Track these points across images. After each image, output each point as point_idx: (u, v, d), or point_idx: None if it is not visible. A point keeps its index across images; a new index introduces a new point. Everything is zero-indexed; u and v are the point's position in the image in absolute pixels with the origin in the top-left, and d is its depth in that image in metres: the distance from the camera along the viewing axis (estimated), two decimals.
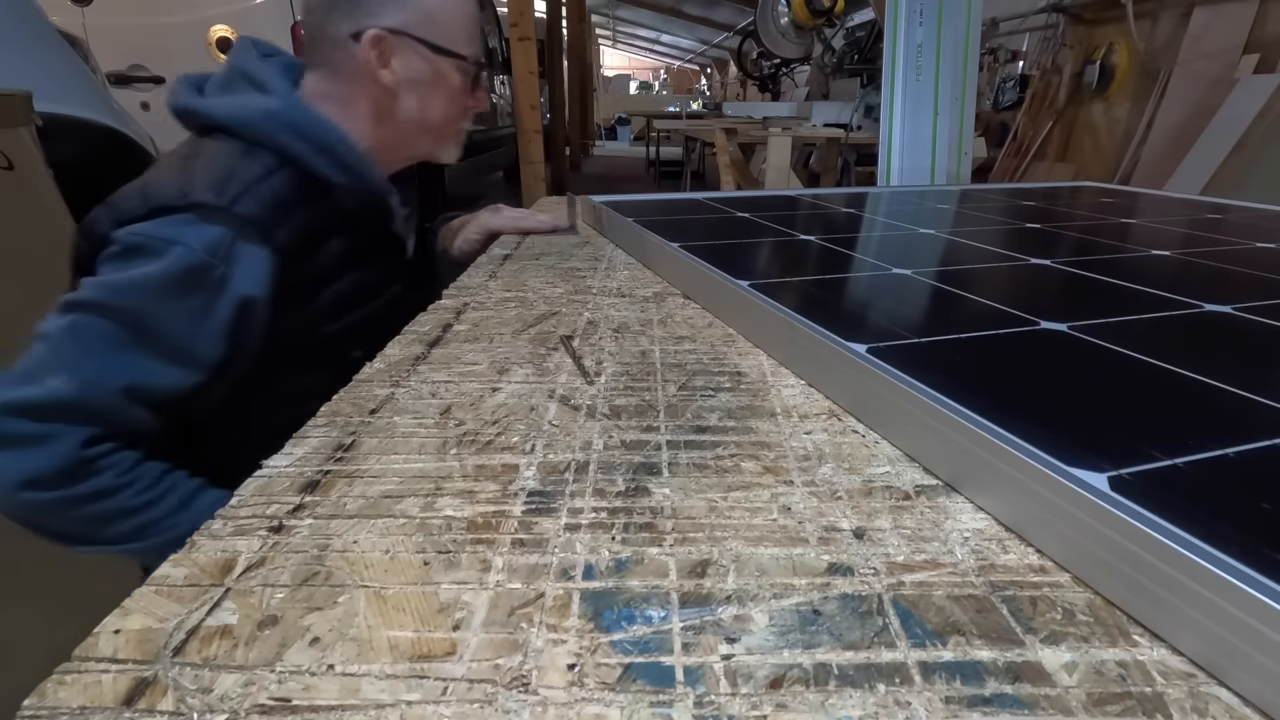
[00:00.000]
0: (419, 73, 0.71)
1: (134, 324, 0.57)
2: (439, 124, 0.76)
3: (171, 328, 0.58)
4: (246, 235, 0.61)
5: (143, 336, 0.57)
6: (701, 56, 18.32)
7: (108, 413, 0.56)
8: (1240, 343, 0.47)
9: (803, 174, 4.26)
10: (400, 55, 0.70)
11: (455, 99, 0.75)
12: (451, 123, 0.77)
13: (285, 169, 0.65)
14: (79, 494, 0.55)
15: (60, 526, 0.57)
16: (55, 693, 0.22)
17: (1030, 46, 4.07)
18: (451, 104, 0.75)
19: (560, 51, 7.35)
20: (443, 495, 0.33)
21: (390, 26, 0.68)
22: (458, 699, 0.22)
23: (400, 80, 0.71)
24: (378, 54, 0.69)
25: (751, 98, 7.94)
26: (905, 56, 1.77)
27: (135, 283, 0.56)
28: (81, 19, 2.72)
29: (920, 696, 0.22)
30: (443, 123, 0.76)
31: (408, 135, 0.75)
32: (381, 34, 0.68)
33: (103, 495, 0.56)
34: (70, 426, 0.55)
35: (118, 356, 0.56)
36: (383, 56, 0.69)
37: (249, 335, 0.63)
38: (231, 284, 0.60)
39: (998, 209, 1.02)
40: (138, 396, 0.57)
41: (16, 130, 0.97)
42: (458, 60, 0.73)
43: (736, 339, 0.54)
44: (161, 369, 0.58)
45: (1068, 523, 0.27)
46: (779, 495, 0.33)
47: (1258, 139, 2.48)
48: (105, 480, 0.56)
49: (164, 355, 0.58)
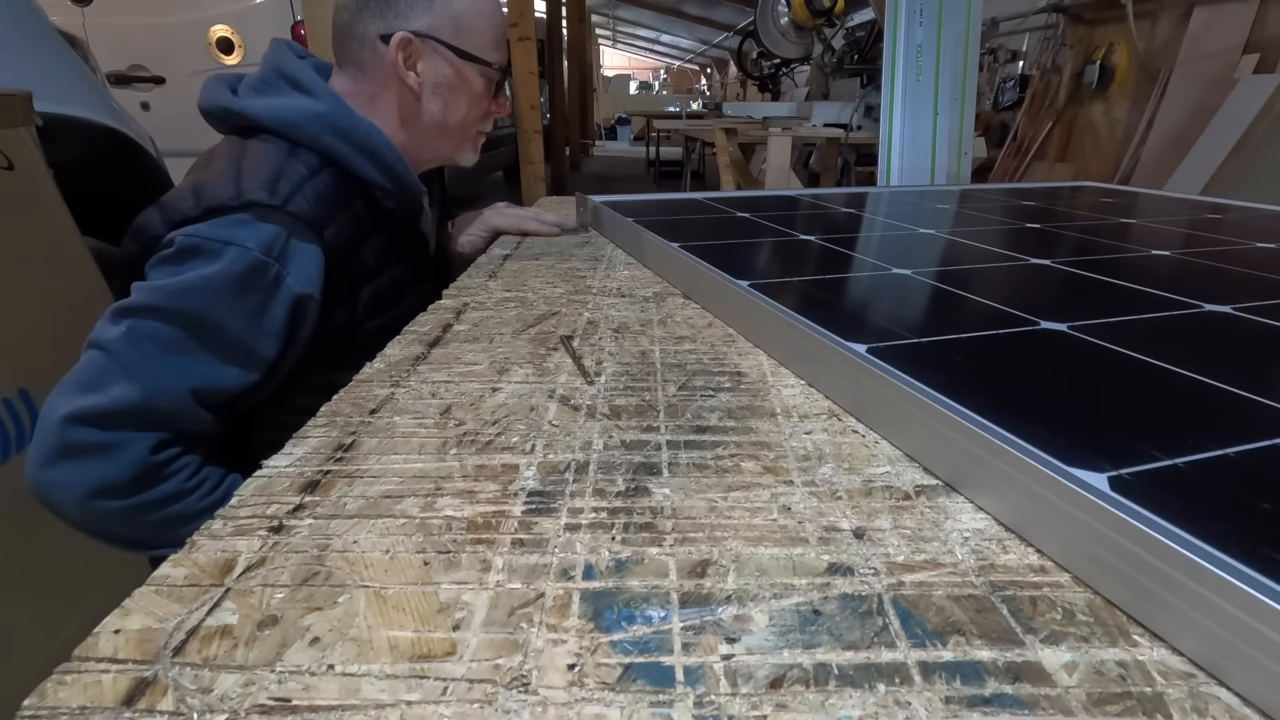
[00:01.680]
0: (444, 76, 0.73)
1: (194, 326, 0.57)
2: (460, 127, 0.77)
3: (231, 327, 0.58)
4: (299, 233, 0.62)
5: (203, 338, 0.57)
6: (701, 56, 18.31)
7: (174, 416, 0.57)
8: (1240, 343, 0.47)
9: (803, 174, 4.26)
10: (426, 58, 0.71)
11: (477, 103, 0.77)
12: (471, 126, 0.79)
13: (329, 169, 0.66)
14: (151, 499, 0.56)
15: (130, 533, 0.58)
16: (55, 693, 0.22)
17: (1030, 46, 4.07)
18: (473, 108, 0.77)
19: (560, 51, 7.35)
20: (443, 495, 0.33)
21: (418, 30, 0.70)
22: (458, 699, 0.22)
23: (425, 83, 0.72)
24: (405, 56, 0.70)
25: (751, 98, 7.94)
26: (905, 56, 1.77)
27: (192, 285, 0.57)
28: (81, 19, 2.72)
29: (920, 696, 0.22)
30: (463, 126, 0.77)
31: (430, 137, 0.76)
32: (409, 36, 0.69)
33: (174, 499, 0.57)
34: (138, 433, 0.55)
35: (180, 360, 0.57)
36: (409, 59, 0.71)
37: (301, 333, 0.64)
38: (287, 282, 0.61)
39: (998, 209, 1.01)
40: (201, 398, 0.58)
41: (16, 130, 0.97)
42: (482, 66, 0.74)
43: (736, 339, 0.54)
44: (222, 369, 0.59)
45: (1068, 523, 0.27)
46: (779, 495, 0.33)
47: (1258, 139, 2.48)
48: (175, 484, 0.57)
49: (224, 356, 0.59)
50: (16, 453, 0.84)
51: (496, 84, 0.77)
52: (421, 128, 0.75)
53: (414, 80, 0.71)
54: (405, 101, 0.73)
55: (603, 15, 13.96)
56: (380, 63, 0.71)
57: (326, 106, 0.67)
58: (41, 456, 0.53)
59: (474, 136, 0.80)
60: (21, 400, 0.87)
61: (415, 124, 0.75)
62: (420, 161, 0.78)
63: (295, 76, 0.68)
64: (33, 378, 0.88)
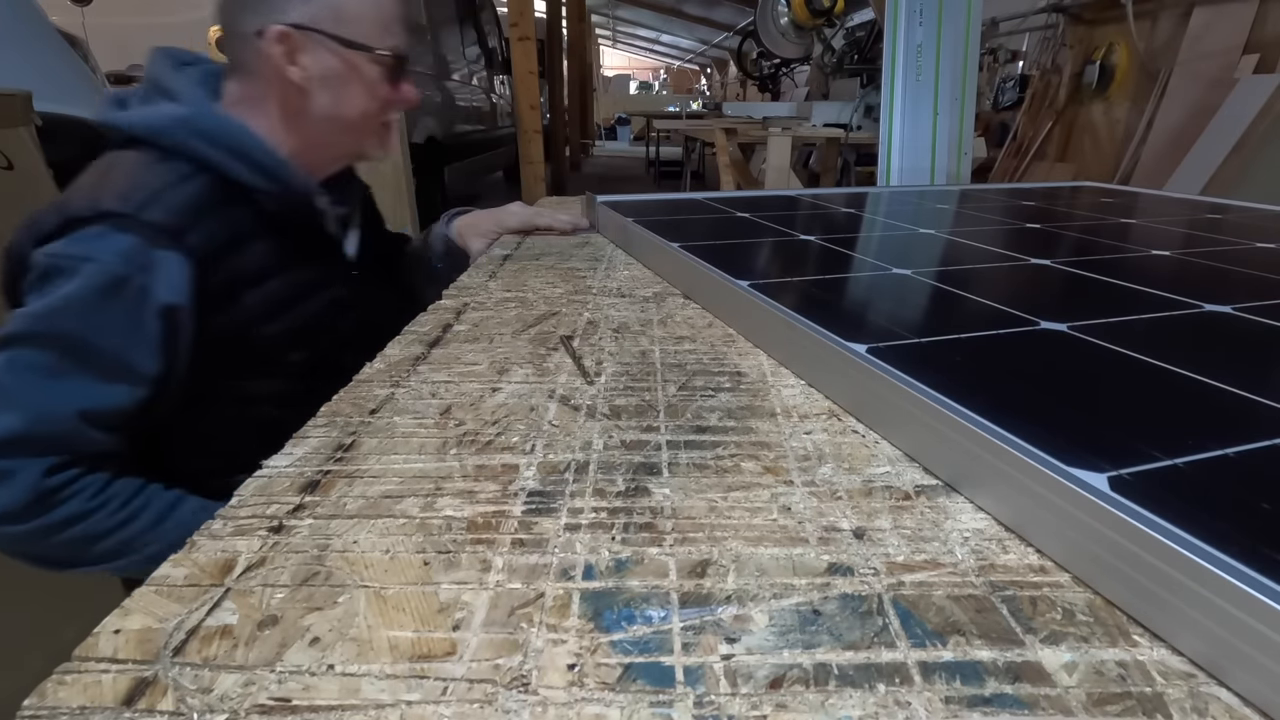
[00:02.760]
0: (330, 69, 0.69)
1: (68, 348, 0.56)
2: (357, 121, 0.73)
3: (105, 346, 0.58)
4: (158, 242, 0.60)
5: (80, 359, 0.57)
6: (701, 56, 18.32)
7: (64, 440, 0.56)
8: (1240, 343, 0.47)
9: (803, 174, 4.26)
10: (309, 51, 0.68)
11: (373, 94, 0.73)
12: (372, 119, 0.75)
13: (200, 175, 0.64)
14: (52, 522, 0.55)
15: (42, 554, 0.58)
16: (55, 693, 0.22)
17: (1030, 46, 4.07)
18: (370, 99, 0.73)
19: (560, 51, 7.35)
20: (443, 495, 0.33)
21: (296, 22, 0.66)
22: (458, 699, 0.22)
23: (311, 77, 0.68)
24: (285, 51, 0.67)
25: (751, 98, 7.94)
26: (905, 56, 1.77)
27: (57, 307, 0.56)
28: (81, 19, 2.72)
29: (920, 696, 0.22)
30: (362, 119, 0.74)
31: (327, 134, 0.73)
32: (286, 30, 0.66)
33: (76, 520, 0.56)
34: (28, 460, 0.55)
35: (59, 384, 0.56)
36: (291, 53, 0.67)
37: (180, 343, 0.62)
38: (153, 293, 0.59)
39: (997, 209, 1.02)
40: (91, 420, 0.57)
41: (16, 130, 0.97)
42: (371, 54, 0.71)
43: (736, 339, 0.54)
44: (106, 389, 0.58)
45: (1068, 523, 0.27)
46: (779, 495, 0.33)
47: (1258, 139, 2.48)
48: (76, 505, 0.56)
49: (105, 375, 0.58)
50: None
51: (391, 71, 0.73)
52: (315, 125, 0.71)
53: (299, 75, 0.68)
54: (293, 99, 0.69)
55: (603, 15, 13.96)
56: (262, 61, 0.67)
57: (190, 111, 0.65)
58: None
59: (378, 128, 0.76)
60: None
61: (307, 121, 0.71)
62: (322, 160, 0.76)
63: (166, 85, 0.67)
64: None
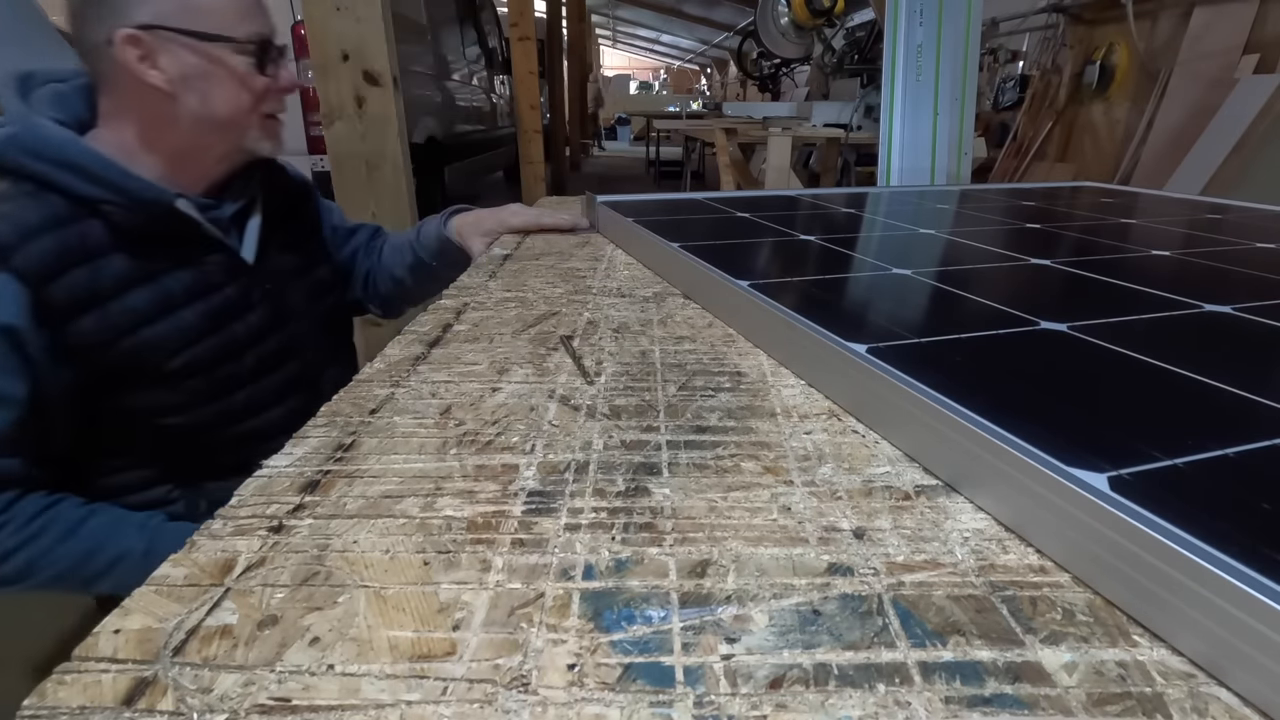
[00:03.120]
0: (191, 67, 0.66)
1: None
2: (233, 117, 0.70)
3: None
4: None
5: None
6: (701, 56, 18.32)
7: None
8: (1240, 343, 0.47)
9: (803, 174, 4.26)
10: (165, 52, 0.65)
11: (244, 86, 0.69)
12: (247, 112, 0.71)
13: (32, 193, 0.62)
14: None
15: None
16: (55, 693, 0.22)
17: (1030, 46, 4.07)
18: (241, 92, 0.69)
19: (560, 51, 7.35)
20: (443, 495, 0.33)
21: (143, 22, 0.63)
22: (458, 699, 0.22)
23: (172, 79, 0.65)
24: (139, 55, 0.64)
25: (751, 98, 7.93)
26: (905, 56, 1.77)
27: None
28: None
29: (920, 696, 0.22)
30: (237, 114, 0.70)
31: (202, 135, 0.70)
32: (134, 32, 0.63)
33: None
34: None
35: None
36: (145, 57, 0.64)
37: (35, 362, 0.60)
38: None
39: (998, 209, 1.01)
40: None
41: None
42: (233, 44, 0.67)
43: (736, 339, 0.54)
44: None
45: (1068, 523, 0.27)
46: (779, 495, 0.33)
47: (1258, 139, 2.48)
48: None
49: None
50: None
51: (263, 58, 0.70)
52: (188, 128, 0.68)
53: (159, 79, 0.65)
54: (158, 104, 0.66)
55: (603, 15, 13.96)
56: (119, 69, 0.64)
57: (15, 129, 0.62)
58: None
59: (259, 122, 0.73)
60: None
61: (178, 126, 0.68)
62: (205, 163, 0.72)
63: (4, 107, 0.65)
64: None
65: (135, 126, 0.68)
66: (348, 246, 0.98)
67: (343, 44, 1.42)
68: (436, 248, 0.94)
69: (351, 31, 1.41)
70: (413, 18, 3.63)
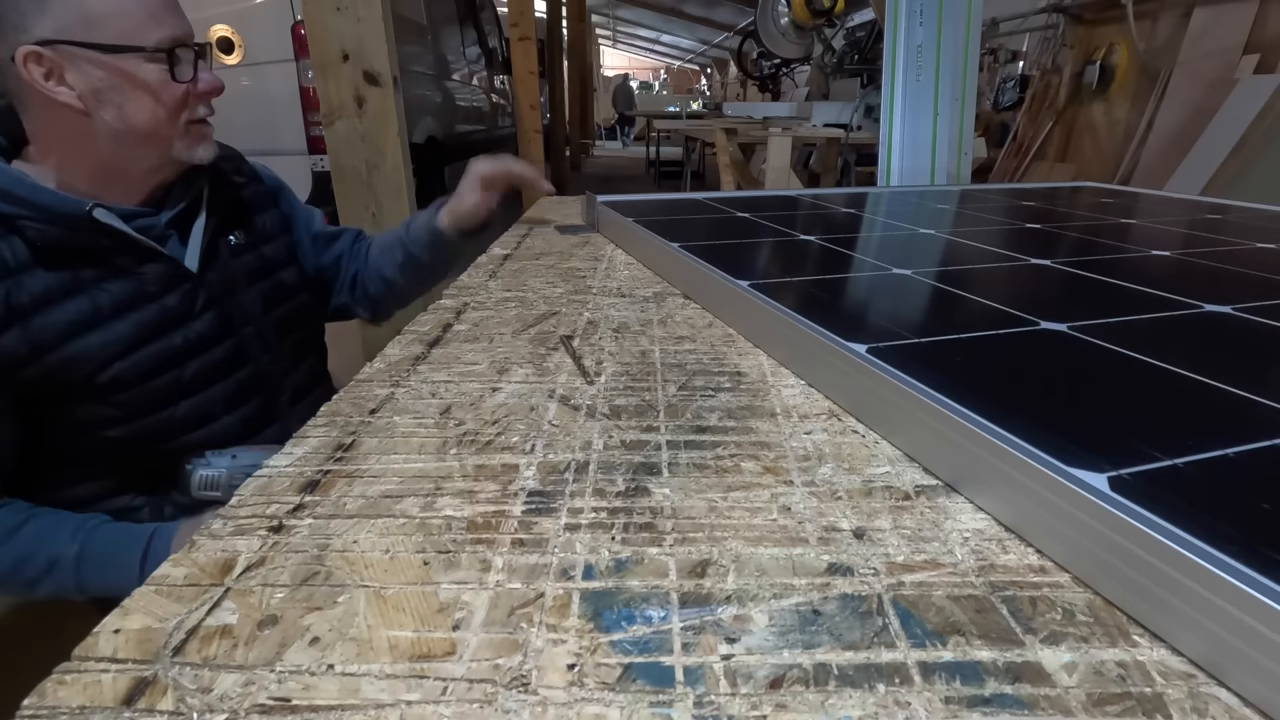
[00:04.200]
0: (100, 81, 0.63)
1: None
2: (152, 128, 0.67)
3: None
4: None
5: None
6: (701, 56, 18.31)
7: None
8: (1240, 343, 0.47)
9: (803, 174, 4.25)
10: (71, 67, 0.62)
11: (161, 95, 0.66)
12: (169, 121, 0.68)
13: None
14: None
15: None
16: (55, 692, 0.22)
17: (1030, 46, 4.07)
18: (159, 101, 0.66)
19: (560, 51, 7.35)
20: (443, 495, 0.33)
21: (43, 38, 0.61)
22: (458, 699, 0.22)
23: (83, 94, 0.63)
24: (44, 72, 0.61)
25: (751, 98, 7.93)
26: (905, 56, 1.77)
27: None
28: None
29: (920, 696, 0.22)
30: (158, 124, 0.67)
31: (126, 149, 0.67)
32: (34, 49, 0.60)
33: None
34: None
35: None
36: (50, 74, 0.62)
37: None
38: None
39: (998, 209, 1.02)
40: None
41: None
42: (142, 53, 0.64)
43: (736, 339, 0.54)
44: None
45: (1068, 523, 0.27)
46: (779, 495, 0.33)
47: (1258, 139, 2.48)
48: None
49: None
50: None
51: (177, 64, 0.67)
52: (107, 144, 0.66)
53: (69, 96, 0.62)
54: (72, 122, 0.64)
55: (603, 15, 13.96)
56: (26, 90, 0.62)
57: None
58: None
59: (184, 128, 0.69)
60: None
61: (97, 142, 0.65)
62: (134, 177, 0.70)
63: None
64: None
65: (56, 145, 0.66)
66: (329, 252, 0.96)
67: (343, 44, 1.42)
68: (427, 240, 0.92)
69: (351, 31, 1.41)
70: (413, 18, 3.63)
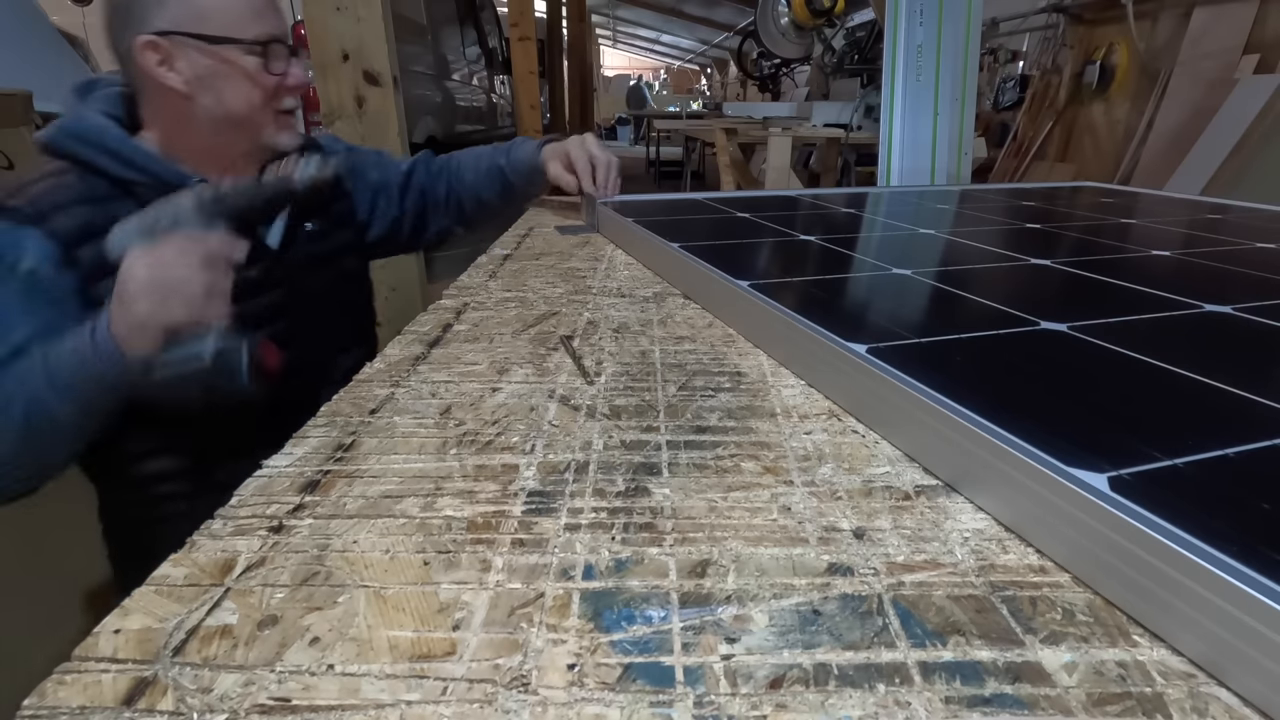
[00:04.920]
0: (204, 68, 0.71)
1: None
2: (246, 113, 0.75)
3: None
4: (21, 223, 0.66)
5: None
6: (701, 56, 18.31)
7: None
8: (1240, 343, 0.47)
9: (803, 174, 4.25)
10: (182, 56, 0.70)
11: (254, 85, 0.75)
12: (261, 109, 0.76)
13: (77, 172, 0.69)
14: None
15: None
16: (55, 692, 0.22)
17: (1030, 46, 4.07)
18: (252, 91, 0.75)
19: (560, 51, 7.34)
20: (443, 495, 0.33)
21: (160, 29, 0.69)
22: (458, 699, 0.22)
23: (189, 80, 0.71)
24: (158, 60, 0.70)
25: (751, 98, 7.93)
26: (905, 56, 1.77)
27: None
28: (81, 19, 2.72)
29: (920, 696, 0.22)
30: (250, 110, 0.75)
31: (222, 133, 0.76)
32: (152, 39, 0.69)
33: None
34: None
35: None
36: (164, 61, 0.70)
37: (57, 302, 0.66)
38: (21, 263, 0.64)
39: (997, 209, 1.02)
40: None
41: (17, 130, 0.97)
42: (241, 45, 0.73)
43: (736, 339, 0.54)
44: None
45: (1068, 523, 0.27)
46: (779, 495, 0.33)
47: (1258, 139, 2.48)
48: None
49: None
50: None
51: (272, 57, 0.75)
52: (207, 126, 0.74)
53: (177, 81, 0.71)
54: (178, 105, 0.73)
55: (603, 15, 13.96)
56: (143, 75, 0.71)
57: (66, 120, 0.70)
58: None
59: (274, 117, 0.78)
60: None
61: (197, 124, 0.74)
62: (229, 160, 0.77)
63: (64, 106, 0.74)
64: None
65: (165, 126, 0.74)
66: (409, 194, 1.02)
67: (343, 44, 1.42)
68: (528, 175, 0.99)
69: (351, 31, 1.41)
70: (413, 18, 3.63)
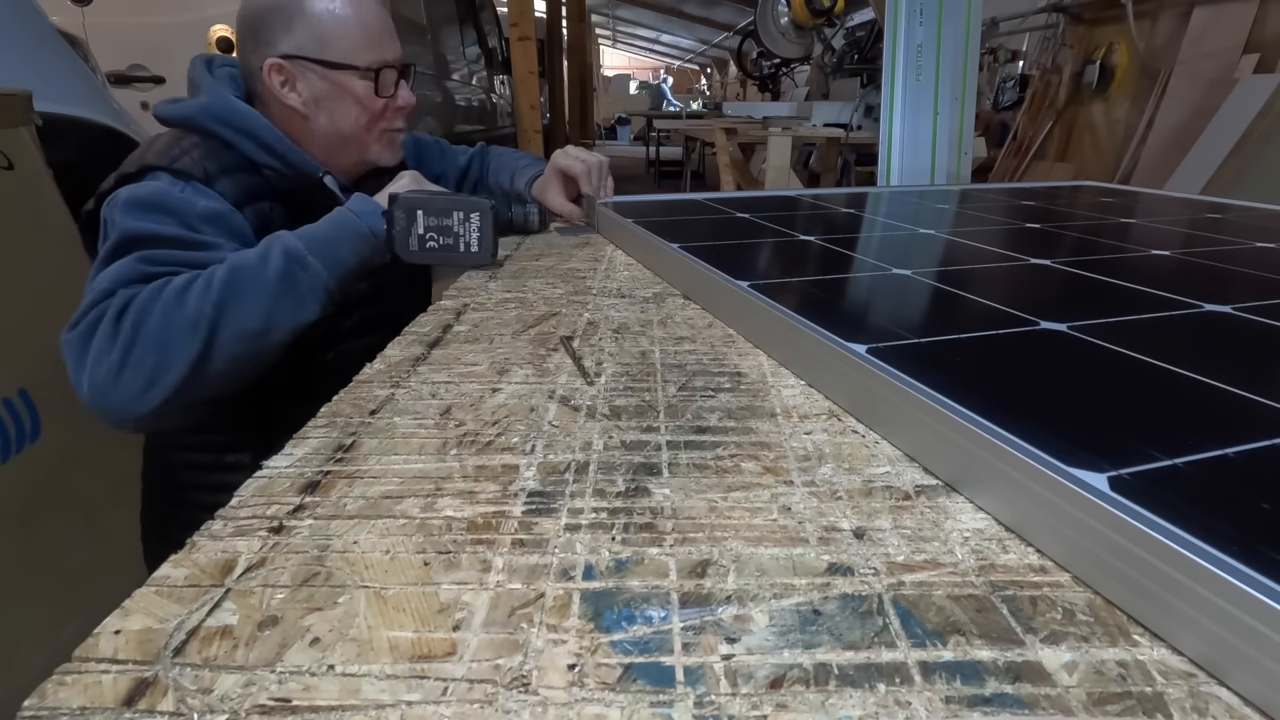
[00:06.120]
0: (321, 91, 0.79)
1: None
2: (357, 133, 0.82)
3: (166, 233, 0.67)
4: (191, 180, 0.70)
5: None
6: (701, 56, 18.31)
7: None
8: (1240, 343, 0.47)
9: (803, 174, 4.25)
10: (303, 78, 0.78)
11: (364, 107, 0.81)
12: (369, 129, 0.83)
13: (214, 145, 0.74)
14: None
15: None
16: (55, 693, 0.22)
17: (1030, 46, 4.07)
18: (362, 113, 0.81)
19: (560, 51, 7.34)
20: (443, 496, 0.33)
21: (286, 52, 0.76)
22: (458, 699, 0.22)
23: (307, 100, 0.79)
24: (282, 80, 0.77)
25: (751, 97, 7.93)
26: (905, 56, 1.77)
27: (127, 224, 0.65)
28: (81, 19, 2.72)
29: (920, 696, 0.22)
30: (360, 131, 0.82)
31: (332, 149, 0.82)
32: (279, 62, 0.76)
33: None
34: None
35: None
36: (286, 83, 0.78)
37: (243, 237, 0.71)
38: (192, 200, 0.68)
39: (997, 209, 1.01)
40: None
41: (16, 130, 0.97)
42: (357, 71, 0.79)
43: (736, 339, 0.54)
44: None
45: (1068, 523, 0.27)
46: (779, 495, 0.33)
47: (1258, 139, 2.48)
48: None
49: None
50: (16, 453, 0.84)
51: (381, 82, 0.81)
52: (320, 142, 0.81)
53: (296, 101, 0.78)
54: (296, 122, 0.80)
55: (603, 15, 13.95)
56: (267, 91, 0.78)
57: (209, 100, 0.75)
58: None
59: (380, 135, 0.85)
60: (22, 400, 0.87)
61: (312, 140, 0.81)
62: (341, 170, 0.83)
63: (196, 82, 0.79)
64: (32, 378, 0.88)
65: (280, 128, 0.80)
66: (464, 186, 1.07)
67: None
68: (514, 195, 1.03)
69: None
70: (413, 18, 3.63)
